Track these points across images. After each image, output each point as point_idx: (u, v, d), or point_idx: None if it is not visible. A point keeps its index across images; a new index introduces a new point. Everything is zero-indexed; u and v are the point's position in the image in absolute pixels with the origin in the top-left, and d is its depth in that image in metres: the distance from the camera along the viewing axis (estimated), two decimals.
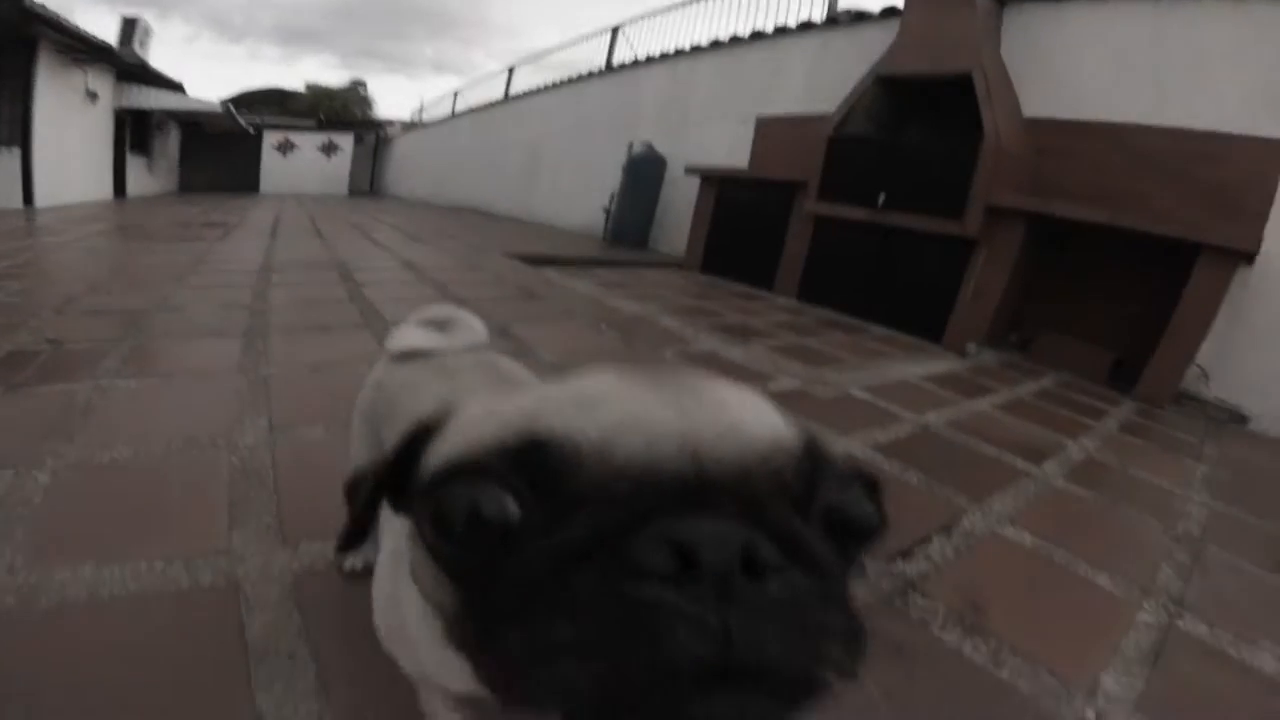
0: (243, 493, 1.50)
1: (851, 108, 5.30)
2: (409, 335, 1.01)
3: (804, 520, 0.35)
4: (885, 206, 4.97)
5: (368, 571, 1.12)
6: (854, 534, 0.38)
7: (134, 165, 13.03)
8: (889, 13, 5.75)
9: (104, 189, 11.63)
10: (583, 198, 9.66)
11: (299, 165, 20.12)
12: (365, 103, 33.49)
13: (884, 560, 1.58)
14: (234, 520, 1.38)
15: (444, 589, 0.37)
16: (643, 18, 9.74)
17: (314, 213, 10.35)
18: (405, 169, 20.27)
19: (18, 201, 8.60)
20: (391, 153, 21.76)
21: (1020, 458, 2.43)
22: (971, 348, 4.38)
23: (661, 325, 3.97)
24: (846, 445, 2.33)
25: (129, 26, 11.14)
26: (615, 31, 10.16)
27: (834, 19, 6.45)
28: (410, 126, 21.30)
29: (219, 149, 18.02)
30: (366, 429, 0.97)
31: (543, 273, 5.43)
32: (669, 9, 9.22)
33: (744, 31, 7.39)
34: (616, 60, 9.95)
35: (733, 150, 7.15)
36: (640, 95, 9.02)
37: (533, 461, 0.34)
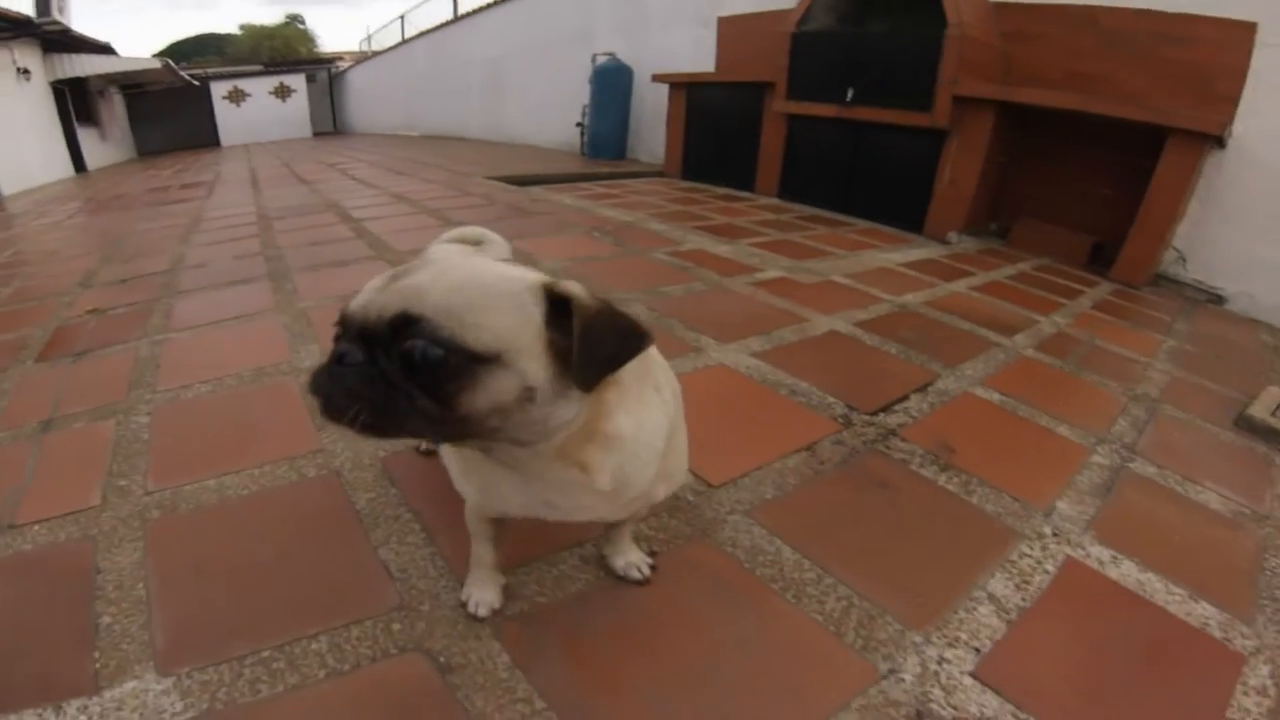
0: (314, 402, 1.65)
1: (812, 2, 5.23)
2: (444, 252, 1.17)
3: (389, 352, 0.62)
4: (854, 102, 4.97)
5: (435, 451, 1.39)
6: (424, 364, 0.60)
7: (86, 137, 12.53)
8: None
9: (63, 166, 11.32)
10: (555, 113, 9.49)
11: (255, 113, 19.47)
12: (307, 38, 32.13)
13: (866, 414, 1.77)
14: (319, 425, 1.59)
15: None
16: None
17: (286, 159, 10.11)
18: (365, 102, 19.61)
19: None
20: (347, 87, 20.98)
21: (993, 331, 2.58)
22: (953, 236, 4.50)
23: (651, 229, 4.05)
24: (829, 323, 2.48)
25: None
26: None
27: None
28: (361, 58, 20.55)
29: (168, 107, 17.32)
30: None
31: (529, 191, 5.43)
32: None
33: None
34: None
35: (697, 53, 7.03)
36: (596, 2, 8.76)
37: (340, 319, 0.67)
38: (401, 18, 16.76)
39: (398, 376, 0.61)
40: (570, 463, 0.70)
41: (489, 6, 11.59)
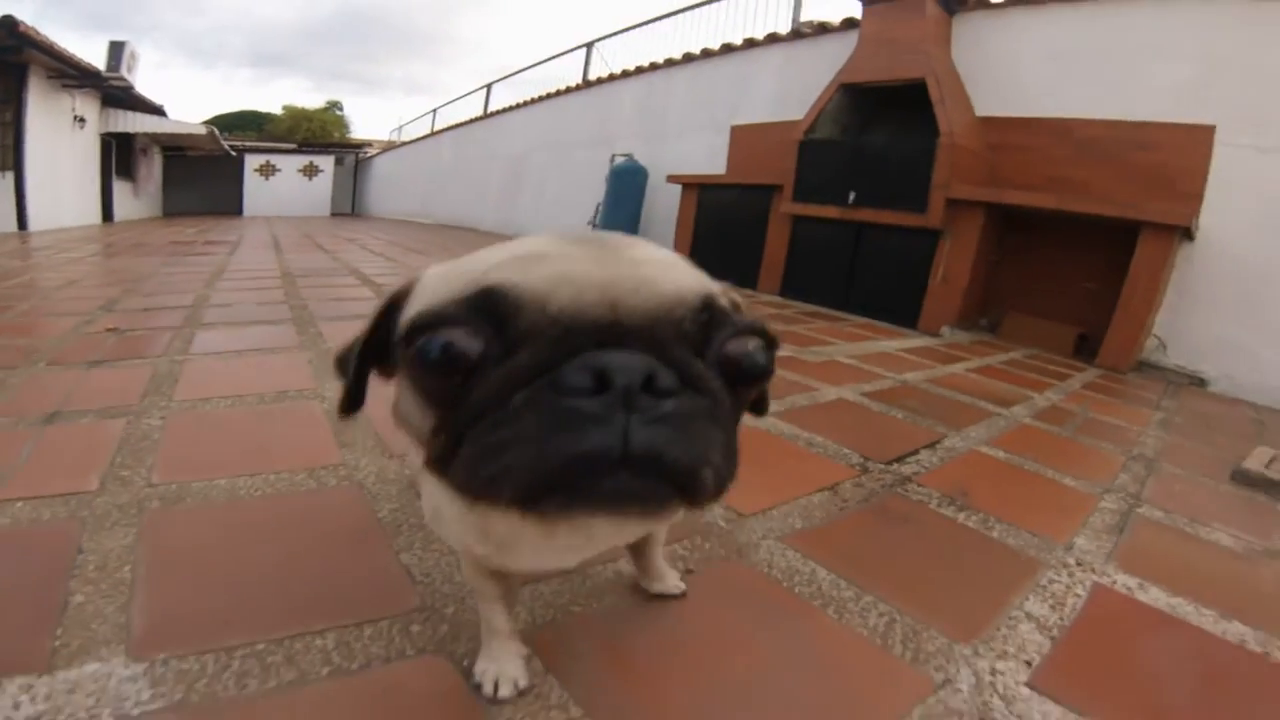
0: (342, 426, 1.70)
1: (819, 114, 5.56)
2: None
3: (701, 360, 0.43)
4: (855, 204, 5.22)
5: None
6: (744, 376, 0.45)
7: (120, 190, 12.92)
8: (849, 24, 6.04)
9: (92, 213, 11.57)
10: (568, 211, 9.80)
11: (281, 188, 19.97)
12: (342, 124, 33.38)
13: (882, 464, 1.83)
14: (342, 444, 1.58)
15: (425, 416, 0.45)
16: (616, 34, 9.97)
17: (306, 231, 10.38)
18: (386, 189, 20.19)
19: (12, 225, 8.60)
20: (371, 173, 21.68)
21: (991, 403, 2.67)
22: (945, 330, 4.63)
23: None
24: (838, 393, 2.56)
25: (116, 50, 10.92)
26: (590, 47, 10.39)
27: (798, 31, 6.74)
28: (389, 146, 21.28)
29: (201, 173, 17.91)
30: None
31: None
32: (640, 25, 9.46)
33: (714, 45, 7.65)
34: (592, 75, 10.15)
35: (710, 158, 7.39)
36: (618, 108, 9.22)
37: (485, 307, 0.41)
38: (434, 111, 17.44)
39: (717, 389, 0.43)
40: None
41: (518, 106, 12.03)
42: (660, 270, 0.44)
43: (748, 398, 0.46)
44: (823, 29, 6.46)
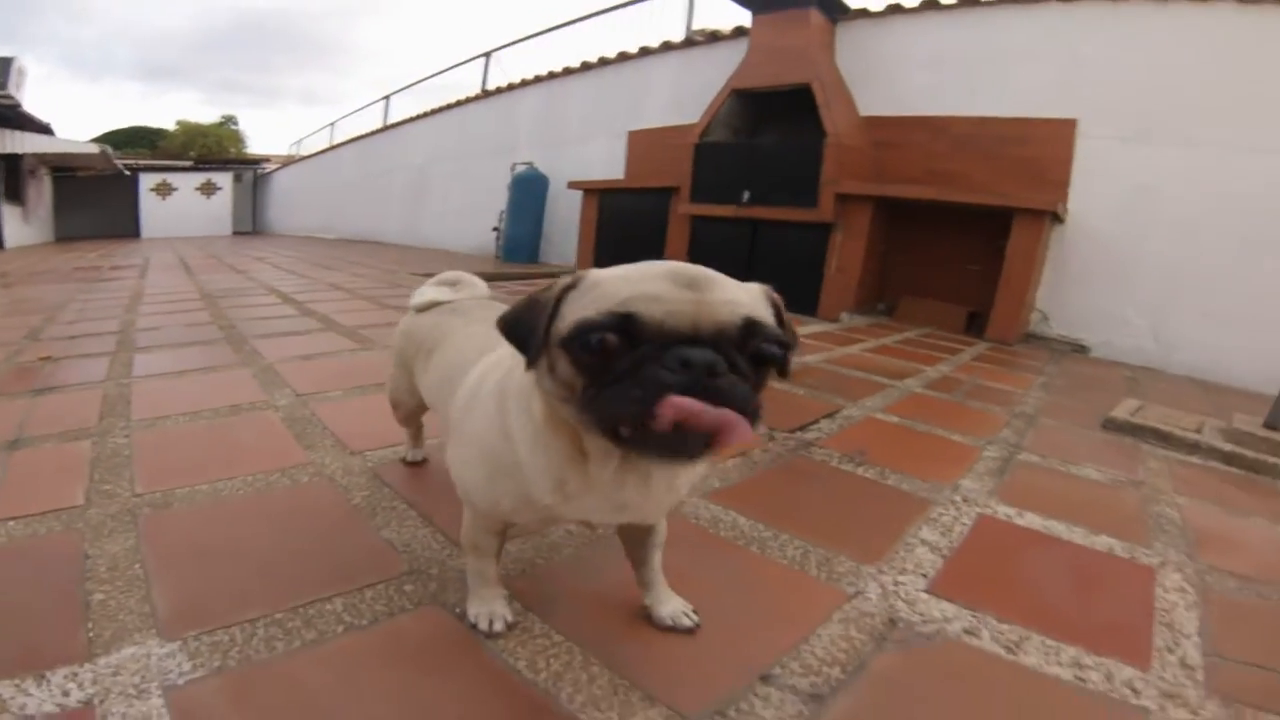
0: (300, 430, 1.69)
1: (712, 118, 5.68)
2: (428, 292, 1.30)
3: (741, 354, 0.64)
4: (750, 202, 5.34)
5: (422, 460, 1.51)
6: (764, 361, 0.65)
7: (10, 215, 11.75)
8: (739, 32, 6.19)
9: None
10: (472, 220, 9.64)
11: (179, 207, 18.74)
12: (239, 139, 31.68)
13: (786, 431, 1.86)
14: (305, 446, 1.60)
15: (575, 379, 0.65)
16: (514, 43, 9.89)
17: (211, 252, 9.72)
18: (287, 205, 19.26)
19: None
20: (271, 189, 20.68)
21: (886, 377, 2.76)
22: (844, 316, 4.78)
23: None
24: None
25: (3, 66, 10.00)
26: (488, 57, 10.26)
27: (691, 39, 6.86)
28: (288, 161, 20.43)
29: (94, 194, 16.47)
30: (398, 365, 1.31)
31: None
32: (538, 34, 9.42)
33: (611, 53, 7.70)
34: (492, 84, 10.02)
35: (609, 163, 7.43)
36: (518, 117, 9.15)
37: (625, 325, 0.62)
38: (333, 124, 16.82)
39: (750, 373, 0.65)
40: None
41: (418, 117, 11.73)
42: (724, 303, 0.64)
43: (768, 373, 0.67)
44: (714, 37, 6.59)
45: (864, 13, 5.52)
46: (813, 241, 5.04)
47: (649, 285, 0.64)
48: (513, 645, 0.90)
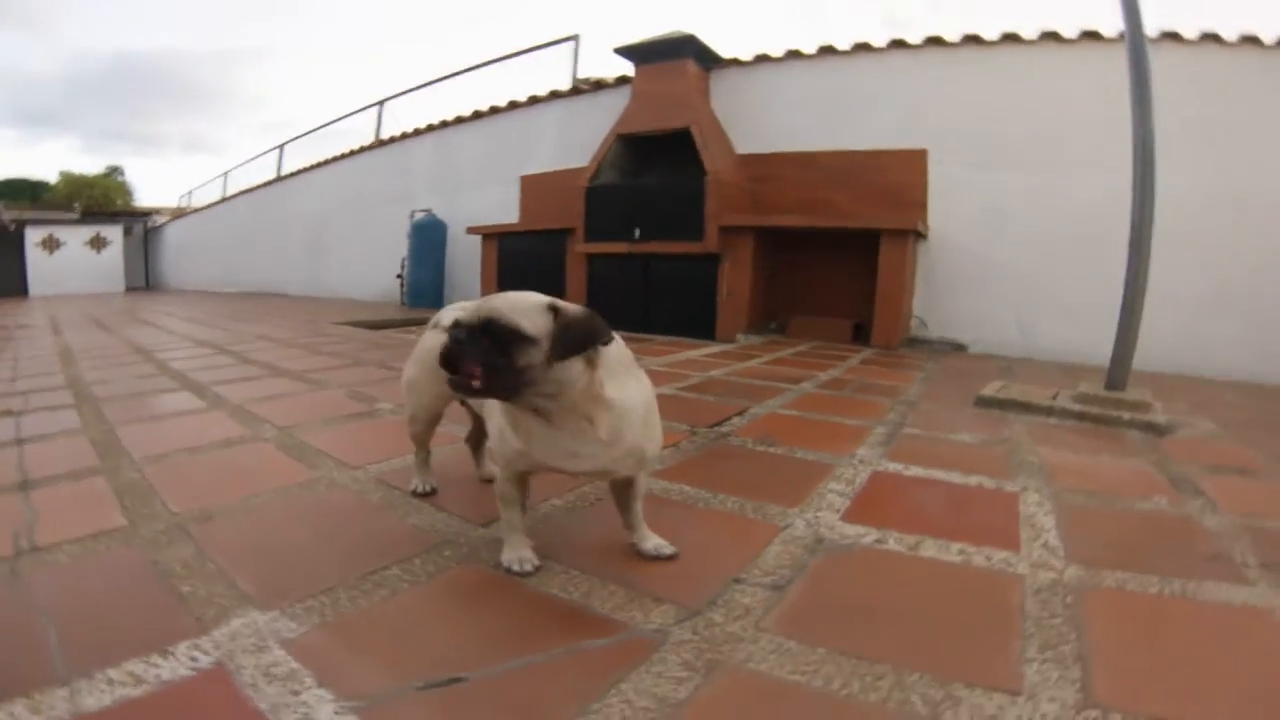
0: (298, 455, 1.76)
1: (601, 161, 5.91)
2: (452, 313, 1.41)
3: (481, 335, 0.93)
4: (641, 238, 5.57)
5: (433, 491, 1.53)
6: (502, 344, 0.93)
7: None
8: (622, 80, 6.49)
9: None
10: (374, 267, 9.48)
11: (67, 263, 17.10)
12: (125, 190, 29.54)
13: (705, 427, 2.04)
14: (308, 465, 1.69)
15: None
16: (406, 92, 9.86)
17: (115, 308, 8.91)
18: (181, 258, 17.99)
19: None
20: (163, 242, 19.31)
21: (784, 383, 2.99)
22: (740, 336, 5.05)
23: None
24: (659, 390, 2.74)
25: None
26: (381, 105, 10.19)
27: (577, 88, 7.12)
28: (179, 213, 19.28)
29: None
30: (424, 372, 1.40)
31: (381, 332, 5.41)
32: (429, 84, 9.45)
33: (500, 101, 7.86)
34: (385, 133, 9.93)
35: (503, 207, 7.53)
36: (413, 165, 9.12)
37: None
38: (225, 174, 15.98)
39: (489, 346, 0.94)
40: (581, 415, 1.00)
41: (313, 167, 11.40)
42: (486, 310, 0.95)
43: (511, 350, 0.93)
44: (599, 86, 6.87)
45: (735, 61, 5.93)
46: (703, 271, 5.30)
47: (463, 307, 1.11)
48: (545, 579, 1.10)
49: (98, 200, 25.82)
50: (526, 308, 0.96)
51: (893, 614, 1.01)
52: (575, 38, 7.54)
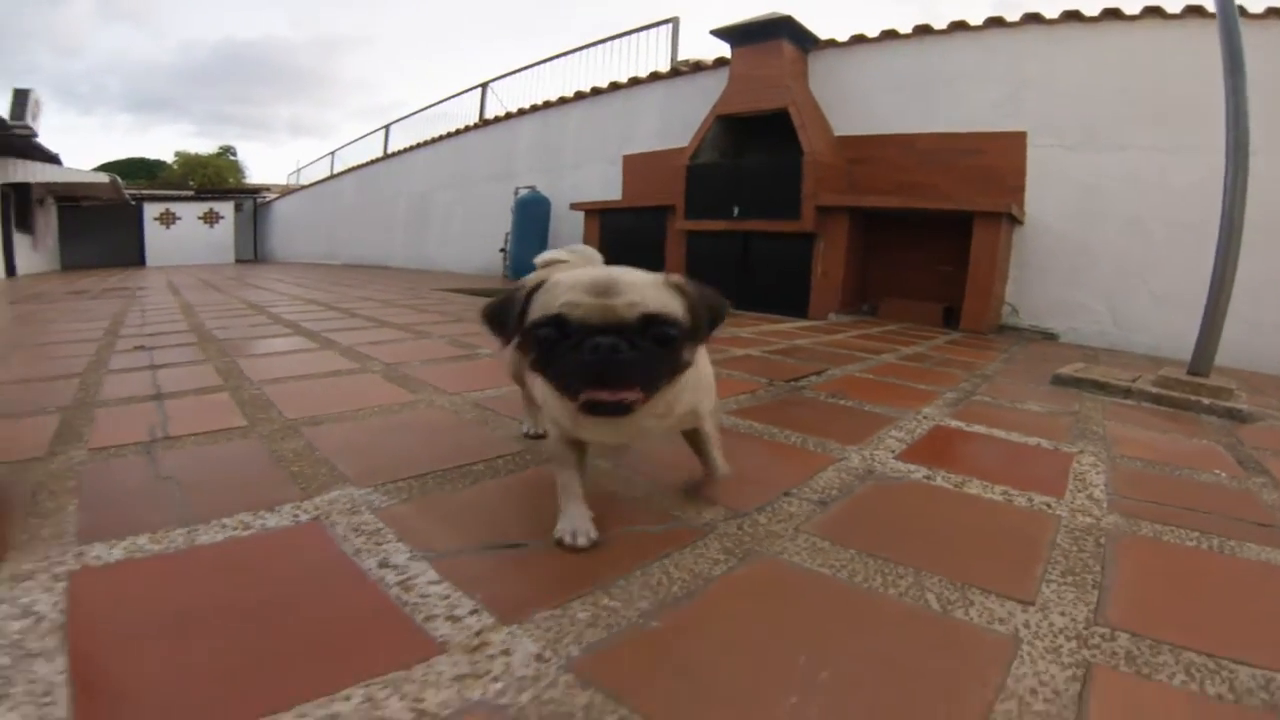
0: (401, 383, 2.08)
1: (701, 142, 6.14)
2: (551, 253, 1.54)
3: (643, 337, 0.85)
4: (740, 216, 5.79)
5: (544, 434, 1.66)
6: (663, 341, 0.87)
7: (20, 244, 11.81)
8: (720, 62, 6.67)
9: None
10: (477, 242, 10.03)
11: (182, 236, 18.72)
12: (237, 169, 31.80)
13: (782, 381, 2.31)
14: (410, 391, 1.97)
15: (533, 359, 0.90)
16: (509, 74, 10.32)
17: (227, 275, 9.83)
18: (289, 232, 19.30)
19: None
20: (271, 217, 20.71)
21: (865, 354, 3.19)
22: (831, 316, 5.23)
23: None
24: (744, 351, 3.04)
25: (21, 98, 9.97)
26: (485, 88, 10.70)
27: (677, 70, 7.35)
28: (288, 190, 20.56)
29: (97, 224, 16.46)
30: None
31: (468, 299, 5.83)
32: (532, 65, 9.86)
33: (602, 83, 8.18)
34: (489, 114, 10.42)
35: (605, 186, 7.87)
36: (516, 144, 9.57)
37: (558, 321, 0.85)
38: (333, 154, 17.06)
39: (650, 350, 0.86)
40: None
41: (418, 146, 12.04)
42: (626, 305, 0.85)
43: (676, 349, 0.89)
44: (698, 67, 7.07)
45: (832, 42, 6.03)
46: (798, 250, 5.48)
47: (572, 295, 0.87)
48: (606, 480, 1.27)
49: (211, 178, 27.75)
50: (663, 293, 0.90)
51: (926, 532, 1.13)
52: (674, 20, 7.76)
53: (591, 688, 0.68)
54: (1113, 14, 4.74)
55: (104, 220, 16.98)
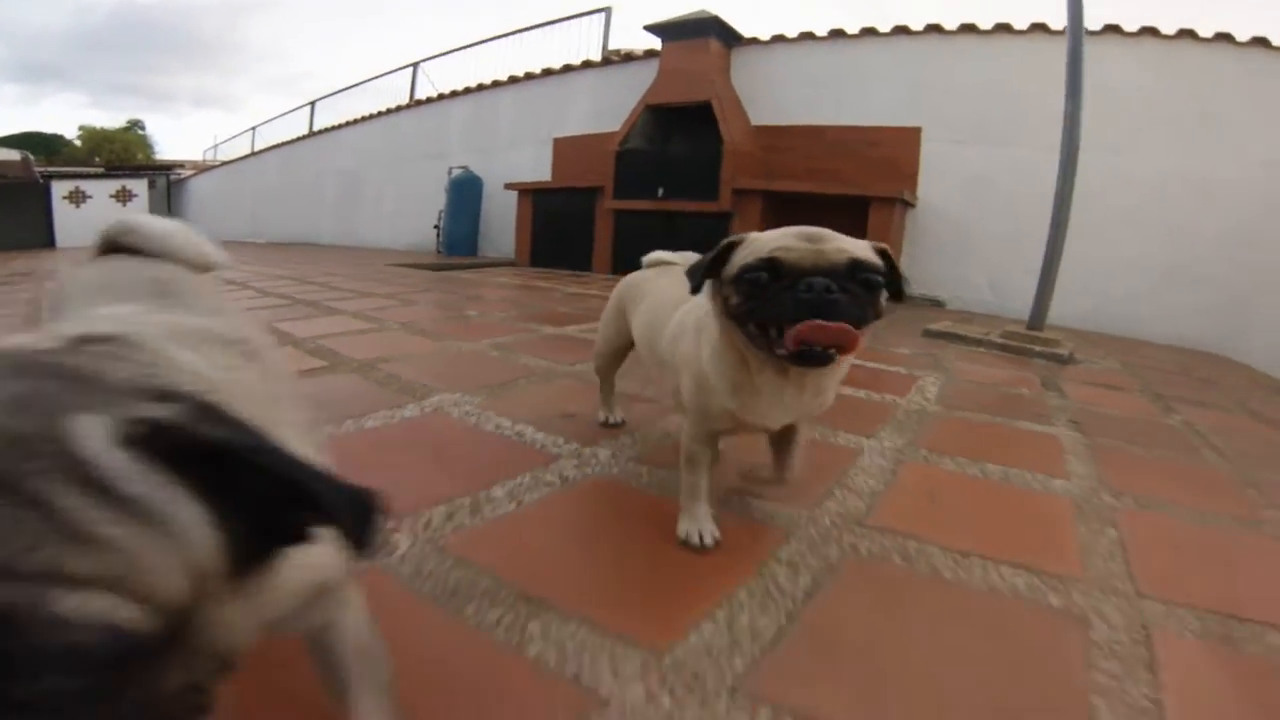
0: (423, 335, 2.55)
1: (630, 128, 6.56)
2: (657, 255, 1.60)
3: (852, 283, 0.89)
4: (664, 197, 6.23)
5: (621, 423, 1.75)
6: (869, 287, 0.90)
7: None
8: (650, 53, 7.05)
9: None
10: (409, 220, 10.11)
11: (94, 216, 17.28)
12: (146, 144, 29.97)
13: None
14: (436, 340, 2.41)
15: (740, 301, 0.93)
16: (441, 55, 10.40)
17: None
18: (207, 211, 18.27)
19: None
20: (187, 195, 19.90)
21: None
22: None
23: (539, 287, 4.97)
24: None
25: None
26: (416, 68, 10.72)
27: (608, 59, 7.70)
28: (204, 167, 19.80)
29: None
30: (614, 312, 1.54)
31: (423, 273, 6.07)
32: (466, 47, 9.99)
33: (535, 68, 8.43)
34: (421, 94, 10.47)
35: (536, 166, 8.15)
36: (449, 124, 9.70)
37: (771, 264, 0.89)
38: (253, 129, 16.54)
39: (859, 295, 0.89)
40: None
41: (347, 124, 11.92)
42: (835, 250, 0.91)
43: (878, 294, 0.92)
44: (629, 57, 7.44)
45: (755, 40, 6.53)
46: (716, 227, 5.93)
47: (785, 241, 0.93)
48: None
49: (119, 154, 26.14)
50: (864, 245, 0.95)
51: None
52: (607, 10, 8.08)
53: (646, 465, 1.24)
54: (1004, 28, 5.41)
55: (6, 200, 15.92)
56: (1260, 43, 4.58)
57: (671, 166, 6.24)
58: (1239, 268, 4.50)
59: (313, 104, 13.60)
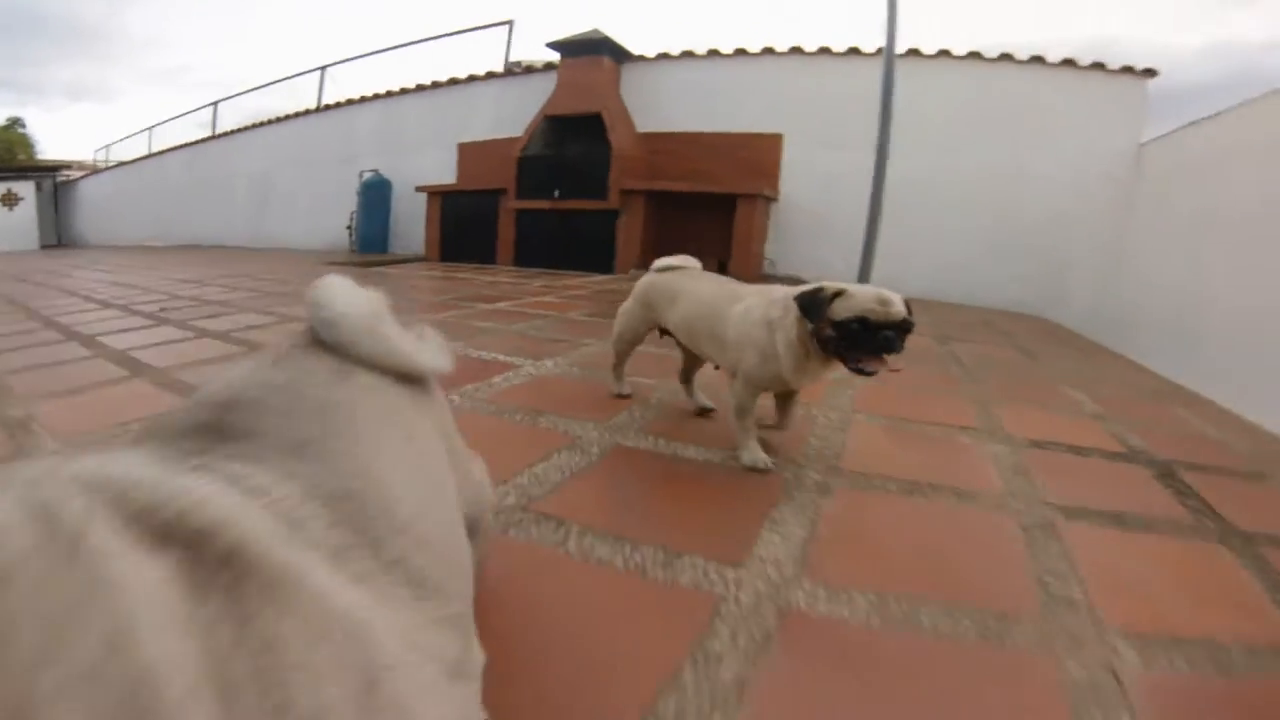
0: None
1: (530, 135, 7.21)
2: (668, 260, 1.93)
3: (900, 329, 1.32)
4: (560, 197, 6.91)
5: (629, 394, 2.05)
6: (908, 330, 1.34)
7: None
8: (549, 66, 7.68)
9: None
10: (321, 220, 10.28)
11: None
12: (28, 143, 27.04)
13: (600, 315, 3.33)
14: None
15: (836, 337, 1.35)
16: (348, 60, 10.75)
17: (58, 265, 8.79)
18: (103, 214, 16.98)
19: None
20: (77, 197, 18.42)
21: None
22: (632, 270, 6.45)
23: (460, 277, 5.42)
24: (576, 292, 4.07)
25: None
26: (323, 71, 10.88)
27: (510, 70, 8.30)
28: (95, 169, 18.51)
29: None
30: (639, 305, 1.91)
31: (352, 269, 6.45)
32: (373, 53, 10.40)
33: (442, 77, 8.89)
34: (328, 98, 10.69)
35: (442, 169, 8.62)
36: (357, 128, 9.99)
37: (862, 320, 1.32)
38: (149, 129, 15.61)
39: (902, 335, 1.32)
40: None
41: (255, 126, 11.90)
42: (896, 311, 1.32)
43: (907, 334, 1.34)
44: (530, 70, 8.05)
45: (643, 57, 7.31)
46: (606, 223, 6.68)
47: (869, 304, 1.32)
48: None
49: (0, 155, 23.61)
50: (902, 304, 1.33)
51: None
52: (510, 23, 8.68)
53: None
54: (854, 50, 6.34)
55: None
56: (1068, 64, 5.63)
57: (567, 170, 6.92)
58: (1056, 243, 5.58)
59: (215, 104, 13.45)
